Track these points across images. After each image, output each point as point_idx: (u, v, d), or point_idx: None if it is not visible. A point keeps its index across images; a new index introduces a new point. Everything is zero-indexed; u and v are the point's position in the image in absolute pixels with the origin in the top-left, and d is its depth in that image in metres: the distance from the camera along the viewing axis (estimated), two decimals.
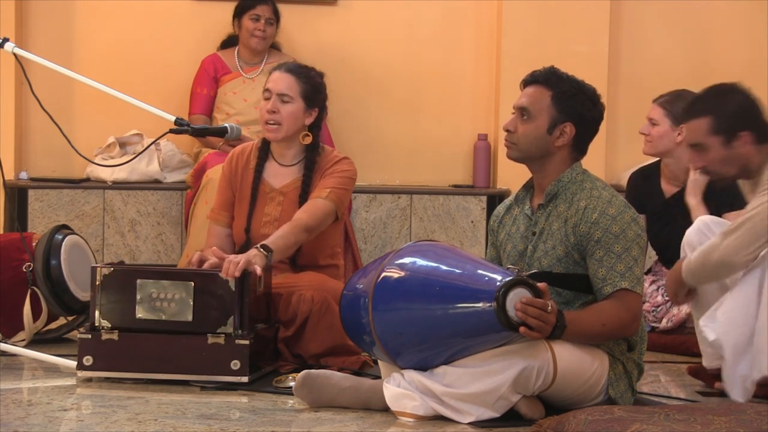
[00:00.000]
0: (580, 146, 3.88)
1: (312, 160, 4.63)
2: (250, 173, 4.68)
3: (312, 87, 4.63)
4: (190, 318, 4.14)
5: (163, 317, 4.15)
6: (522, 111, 3.86)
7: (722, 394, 4.20)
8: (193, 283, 4.15)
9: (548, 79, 3.86)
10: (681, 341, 5.11)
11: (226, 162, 4.77)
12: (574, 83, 3.86)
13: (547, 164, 3.87)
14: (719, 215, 5.30)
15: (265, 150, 4.69)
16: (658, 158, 5.51)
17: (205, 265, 4.31)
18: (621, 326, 3.71)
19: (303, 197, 4.59)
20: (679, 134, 5.31)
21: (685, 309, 5.18)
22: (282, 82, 4.61)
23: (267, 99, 4.61)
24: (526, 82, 3.90)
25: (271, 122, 4.58)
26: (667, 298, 5.31)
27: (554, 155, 3.86)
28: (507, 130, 3.89)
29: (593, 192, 3.81)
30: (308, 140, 4.63)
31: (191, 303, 4.15)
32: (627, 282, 3.71)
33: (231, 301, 4.14)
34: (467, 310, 3.54)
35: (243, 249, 4.49)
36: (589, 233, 3.75)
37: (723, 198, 5.28)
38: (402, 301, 3.65)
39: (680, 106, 5.33)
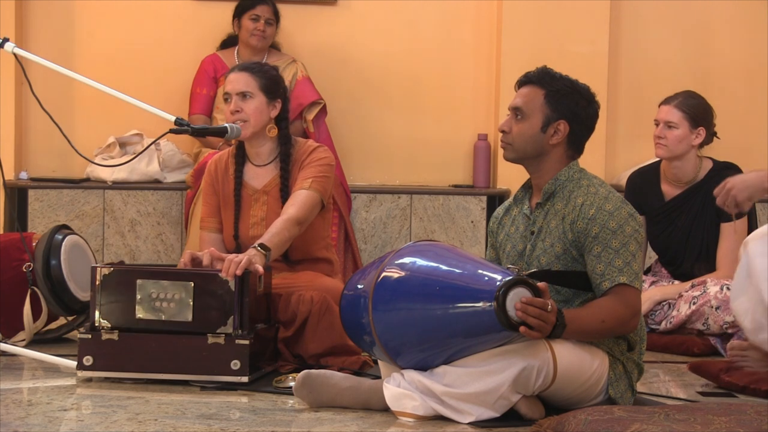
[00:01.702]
0: (575, 144, 3.88)
1: (286, 154, 4.64)
2: (230, 179, 4.69)
3: (269, 80, 4.64)
4: (189, 318, 4.14)
5: (163, 317, 4.15)
6: (516, 111, 3.87)
7: (727, 390, 4.21)
8: (192, 284, 4.15)
9: (541, 78, 3.87)
10: (681, 341, 5.11)
11: (206, 173, 4.79)
12: (567, 82, 3.87)
13: (543, 163, 3.87)
14: (717, 225, 5.31)
15: (240, 154, 4.70)
16: (658, 159, 5.49)
17: (204, 262, 4.31)
18: (620, 322, 3.71)
19: (284, 192, 4.59)
20: (697, 136, 5.30)
21: (684, 310, 5.18)
22: (239, 81, 4.62)
23: (228, 101, 4.62)
24: (520, 83, 3.92)
25: (238, 122, 4.59)
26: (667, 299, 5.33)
27: (549, 154, 3.86)
28: (502, 131, 3.90)
29: (590, 189, 3.82)
30: (274, 132, 4.64)
31: (191, 303, 4.15)
32: (625, 277, 3.71)
33: (230, 302, 4.14)
34: (467, 310, 3.54)
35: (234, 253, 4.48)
36: (586, 229, 3.75)
37: (723, 209, 5.29)
38: (402, 301, 3.65)
39: (694, 104, 5.32)
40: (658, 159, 5.49)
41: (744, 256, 4.20)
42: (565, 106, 3.84)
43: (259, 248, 4.30)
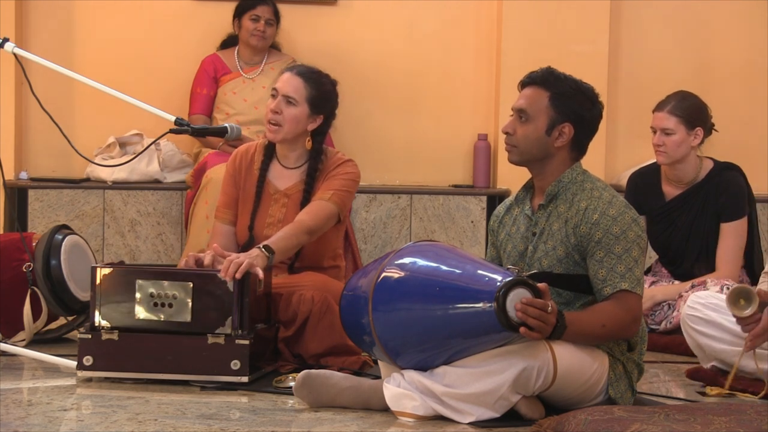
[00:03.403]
0: (579, 146, 3.87)
1: (314, 167, 4.61)
2: (254, 173, 4.67)
3: (320, 94, 4.60)
4: (188, 318, 4.14)
5: (162, 317, 4.15)
6: (520, 113, 3.86)
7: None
8: (191, 284, 4.15)
9: (546, 79, 3.85)
10: (681, 341, 5.09)
11: (230, 161, 4.76)
12: (571, 83, 3.85)
13: (547, 165, 3.86)
14: (717, 225, 5.32)
15: (270, 151, 4.68)
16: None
17: (206, 262, 4.30)
18: (621, 327, 3.71)
19: (306, 199, 4.58)
20: (695, 137, 5.29)
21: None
22: (290, 84, 4.59)
23: (273, 98, 4.60)
24: (524, 84, 3.89)
25: (273, 122, 4.57)
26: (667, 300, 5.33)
27: (554, 156, 3.85)
28: (506, 133, 3.88)
29: (594, 193, 3.81)
30: (310, 146, 4.62)
31: (190, 304, 4.15)
32: (627, 283, 3.70)
33: (229, 303, 4.13)
34: (467, 311, 3.54)
35: (246, 248, 4.48)
36: (589, 234, 3.75)
37: (724, 209, 5.29)
38: (402, 302, 3.65)
39: (687, 106, 5.32)
40: None
41: (686, 336, 4.45)
42: (570, 108, 3.82)
43: (263, 249, 4.29)
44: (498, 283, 3.51)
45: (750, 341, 4.02)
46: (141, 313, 4.15)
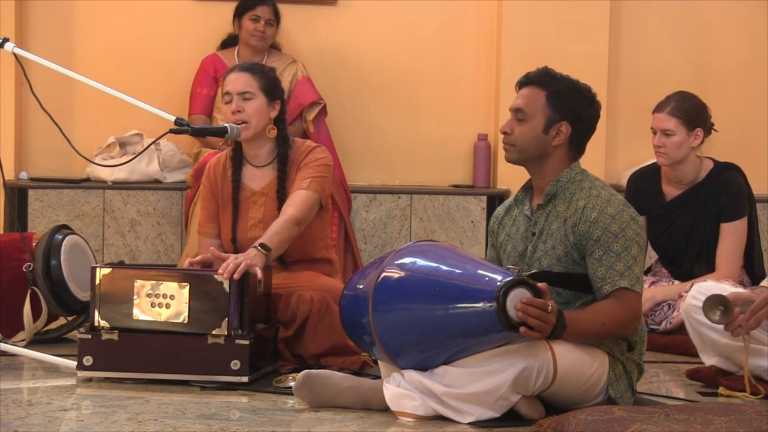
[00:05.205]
0: (577, 145, 3.88)
1: (284, 156, 4.63)
2: (228, 181, 4.67)
3: (269, 81, 4.64)
4: (185, 320, 4.14)
5: (161, 318, 4.15)
6: (517, 112, 3.87)
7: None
8: (189, 285, 4.15)
9: (542, 79, 3.86)
10: (681, 341, 5.11)
11: (204, 175, 4.78)
12: (568, 82, 3.86)
13: (545, 165, 3.87)
14: (718, 226, 5.32)
15: (238, 155, 4.69)
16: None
17: (196, 260, 4.32)
18: (621, 325, 3.71)
19: (281, 194, 4.58)
20: (695, 138, 5.29)
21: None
22: (239, 81, 4.61)
23: (229, 102, 4.61)
24: (521, 84, 3.91)
25: (239, 122, 4.58)
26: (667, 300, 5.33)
27: (552, 155, 3.86)
28: (504, 132, 3.89)
29: (592, 191, 3.81)
30: (274, 133, 4.63)
31: (187, 304, 4.15)
32: (626, 281, 3.71)
33: (225, 304, 4.13)
34: (467, 311, 3.54)
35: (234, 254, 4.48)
36: (588, 232, 3.75)
37: (724, 209, 5.29)
38: (402, 302, 3.65)
39: (687, 107, 5.32)
40: None
41: (688, 326, 4.46)
42: (567, 107, 3.83)
43: (259, 248, 4.29)
44: (498, 283, 3.51)
45: (750, 321, 4.02)
46: (140, 313, 4.16)
